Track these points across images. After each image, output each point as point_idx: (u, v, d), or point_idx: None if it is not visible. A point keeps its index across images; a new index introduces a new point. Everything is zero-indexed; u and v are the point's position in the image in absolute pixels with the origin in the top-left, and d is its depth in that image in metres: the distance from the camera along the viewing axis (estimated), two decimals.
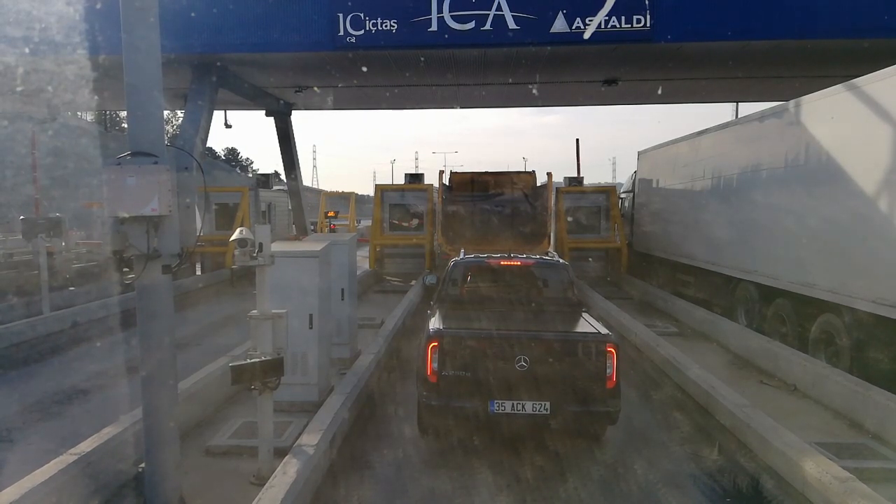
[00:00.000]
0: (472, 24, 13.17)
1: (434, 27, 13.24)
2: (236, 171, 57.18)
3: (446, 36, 13.27)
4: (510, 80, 17.17)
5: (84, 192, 20.89)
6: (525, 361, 5.54)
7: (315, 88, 18.09)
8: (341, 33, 13.37)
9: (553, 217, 16.38)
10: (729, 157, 11.83)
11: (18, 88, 14.79)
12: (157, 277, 4.19)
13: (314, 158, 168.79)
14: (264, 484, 4.35)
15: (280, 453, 4.99)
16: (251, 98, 18.17)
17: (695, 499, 5.16)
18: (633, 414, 6.88)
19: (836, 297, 8.04)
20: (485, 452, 5.77)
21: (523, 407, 5.48)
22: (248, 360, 4.91)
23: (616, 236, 17.06)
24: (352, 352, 8.38)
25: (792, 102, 9.71)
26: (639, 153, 17.69)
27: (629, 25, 12.94)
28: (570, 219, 17.47)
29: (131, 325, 4.62)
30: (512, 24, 13.11)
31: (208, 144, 21.09)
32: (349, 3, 13.27)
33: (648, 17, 12.88)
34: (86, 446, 4.82)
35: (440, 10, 13.16)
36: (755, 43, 13.57)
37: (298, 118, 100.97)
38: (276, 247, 6.02)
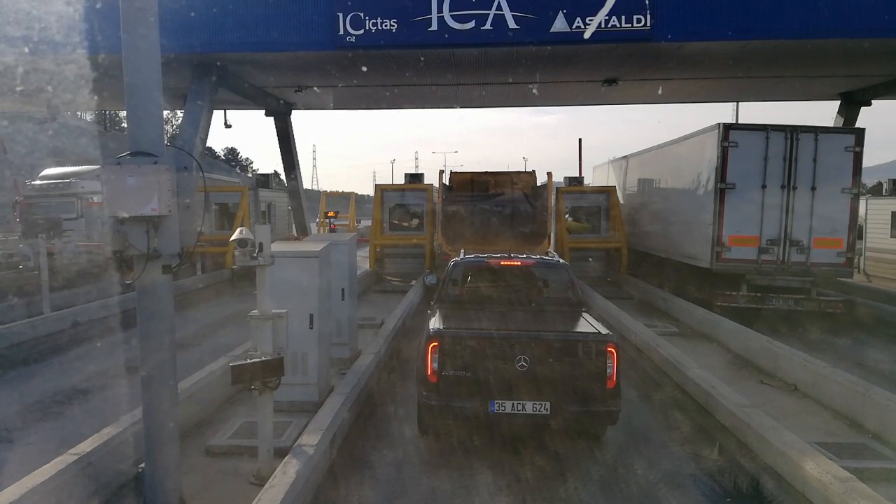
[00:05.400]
0: (472, 24, 13.17)
1: (434, 27, 13.23)
2: (236, 171, 57.17)
3: (446, 36, 13.27)
4: (510, 80, 17.17)
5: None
6: (525, 361, 5.53)
7: (315, 88, 18.07)
8: (341, 33, 13.36)
9: (553, 217, 16.39)
10: (636, 175, 18.17)
11: (18, 88, 14.78)
12: (157, 277, 4.18)
13: (314, 158, 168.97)
14: (264, 484, 4.35)
15: (280, 453, 5.00)
16: (251, 98, 18.15)
17: (695, 499, 5.16)
18: (633, 414, 6.89)
19: (668, 255, 14.66)
20: (485, 452, 5.77)
21: (523, 407, 5.48)
22: (249, 360, 4.91)
23: (616, 236, 17.12)
24: (352, 352, 8.37)
25: (655, 146, 16.51)
26: (593, 168, 23.94)
27: (629, 25, 12.94)
28: (569, 218, 17.49)
29: (131, 326, 4.62)
30: (512, 24, 13.11)
31: (208, 144, 21.07)
32: (349, 3, 13.26)
33: (648, 16, 12.88)
34: (86, 446, 4.83)
35: (440, 10, 13.15)
36: (755, 43, 13.58)
37: (298, 118, 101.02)
38: (276, 247, 6.03)
